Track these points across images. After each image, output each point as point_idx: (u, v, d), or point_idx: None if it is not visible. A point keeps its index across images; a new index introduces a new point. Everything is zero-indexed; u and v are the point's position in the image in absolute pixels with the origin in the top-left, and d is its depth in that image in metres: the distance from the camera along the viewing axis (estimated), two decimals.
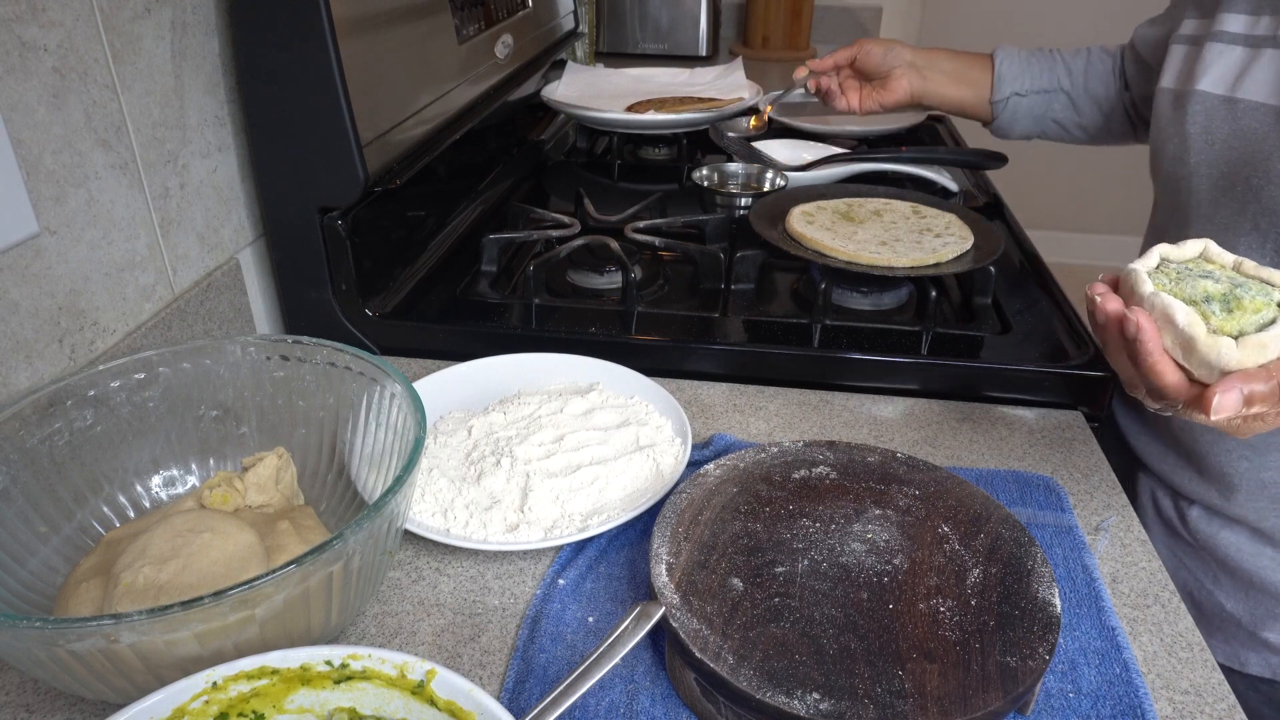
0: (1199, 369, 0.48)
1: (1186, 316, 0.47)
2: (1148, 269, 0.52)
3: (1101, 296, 0.51)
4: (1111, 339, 0.51)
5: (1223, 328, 0.47)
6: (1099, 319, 0.51)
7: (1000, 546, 0.54)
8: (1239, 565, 0.75)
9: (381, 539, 0.49)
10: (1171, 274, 0.51)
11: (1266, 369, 0.46)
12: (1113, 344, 0.51)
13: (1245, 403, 0.46)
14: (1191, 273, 0.51)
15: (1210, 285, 0.50)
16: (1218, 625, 0.78)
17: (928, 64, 1.01)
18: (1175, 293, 0.50)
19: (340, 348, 0.60)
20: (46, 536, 0.54)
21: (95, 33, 0.65)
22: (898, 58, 1.01)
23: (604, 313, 0.85)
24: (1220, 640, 0.77)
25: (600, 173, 1.28)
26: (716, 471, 0.60)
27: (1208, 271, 0.52)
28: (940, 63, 1.02)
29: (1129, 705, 0.49)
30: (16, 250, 0.59)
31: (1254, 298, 0.48)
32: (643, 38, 2.04)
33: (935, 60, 1.02)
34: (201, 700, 0.40)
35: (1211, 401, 0.46)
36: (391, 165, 0.84)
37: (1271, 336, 0.46)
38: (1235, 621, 0.76)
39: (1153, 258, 0.53)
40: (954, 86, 1.02)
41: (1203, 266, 0.52)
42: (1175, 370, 0.48)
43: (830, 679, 0.45)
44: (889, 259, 0.83)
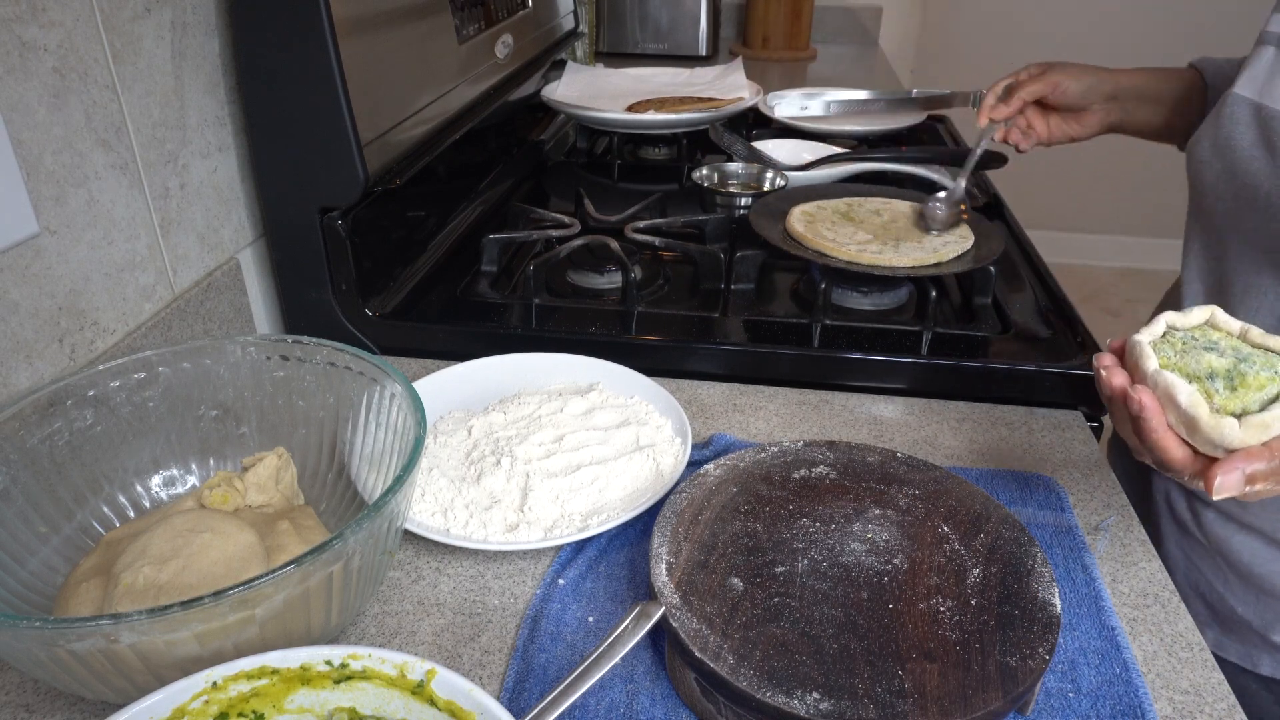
0: (1203, 445, 0.48)
1: (1189, 397, 0.47)
2: (1152, 338, 0.51)
3: (1107, 371, 0.51)
4: (1118, 410, 0.51)
5: (1226, 406, 0.47)
6: (1105, 392, 0.51)
7: (1000, 546, 0.54)
8: (1251, 570, 0.75)
9: (381, 539, 0.49)
10: (1176, 344, 0.51)
11: (1269, 448, 0.46)
12: (1119, 415, 0.52)
13: (1247, 481, 0.46)
14: (1196, 344, 0.51)
15: (1214, 360, 0.49)
16: (1230, 626, 0.77)
17: (1127, 91, 0.88)
18: (1179, 367, 0.50)
19: (340, 348, 0.60)
20: (46, 536, 0.54)
21: (95, 33, 0.65)
22: (1096, 93, 0.87)
23: (604, 313, 0.85)
24: (1234, 640, 0.77)
25: (600, 173, 1.28)
26: (716, 471, 0.60)
27: (1213, 343, 0.51)
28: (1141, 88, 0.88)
29: (1129, 705, 0.49)
30: (16, 250, 0.59)
31: (1258, 373, 0.48)
32: (643, 38, 2.04)
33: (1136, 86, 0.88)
34: (201, 700, 0.40)
35: (1214, 482, 0.46)
36: (391, 165, 0.84)
37: (1274, 416, 0.46)
38: (1247, 624, 0.76)
39: (1158, 326, 0.52)
40: (1156, 112, 0.89)
41: (1208, 336, 0.52)
42: (1180, 446, 0.48)
43: (830, 679, 0.45)
44: (889, 259, 0.83)
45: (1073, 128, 0.90)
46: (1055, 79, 0.87)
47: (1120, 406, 0.50)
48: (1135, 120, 0.89)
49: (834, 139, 1.31)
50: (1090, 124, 0.89)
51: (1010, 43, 3.06)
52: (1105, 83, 0.87)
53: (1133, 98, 0.88)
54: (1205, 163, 0.72)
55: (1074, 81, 0.87)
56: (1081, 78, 0.87)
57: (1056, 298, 0.88)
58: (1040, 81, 0.88)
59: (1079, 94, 0.87)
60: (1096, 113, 0.88)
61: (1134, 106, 0.88)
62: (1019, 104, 0.89)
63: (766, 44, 2.14)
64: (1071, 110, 0.89)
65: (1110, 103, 0.88)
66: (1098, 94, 0.87)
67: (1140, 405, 0.48)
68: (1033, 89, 0.88)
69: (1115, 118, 0.89)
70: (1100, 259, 3.36)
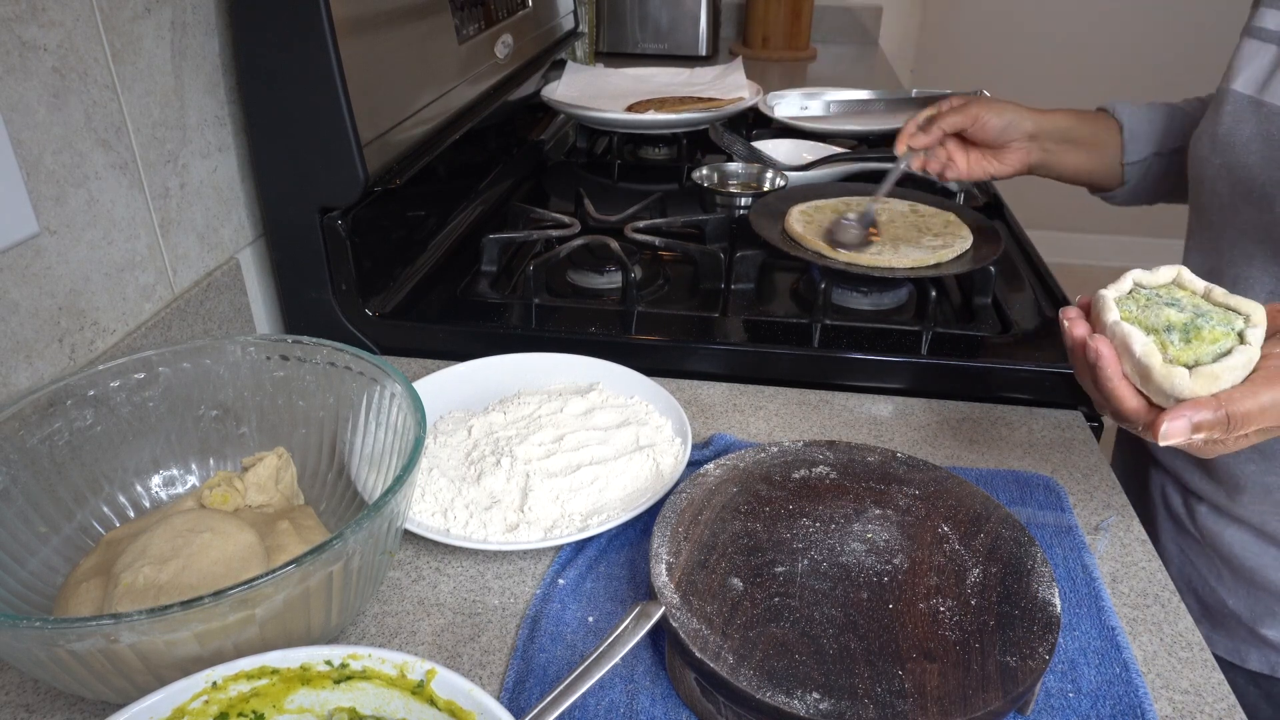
0: (1156, 396, 0.49)
1: (1143, 346, 0.49)
2: (1119, 294, 0.54)
3: (1070, 321, 0.53)
4: (1078, 362, 0.53)
5: (1179, 357, 0.49)
6: (1067, 342, 0.54)
7: (1000, 546, 0.54)
8: (1242, 563, 0.76)
9: (381, 539, 0.49)
10: (1141, 300, 0.53)
11: (1216, 398, 0.48)
12: (1079, 366, 0.54)
13: (1193, 429, 0.48)
14: (1159, 299, 0.53)
15: (1173, 314, 0.51)
16: (1220, 620, 0.78)
17: (1049, 132, 0.88)
18: (1139, 320, 0.52)
19: (340, 348, 0.60)
20: (46, 536, 0.54)
21: (95, 33, 0.65)
22: (1016, 129, 0.86)
23: (604, 313, 0.85)
24: (1223, 635, 0.78)
25: (600, 173, 1.28)
26: (716, 471, 0.60)
27: (1175, 299, 0.53)
28: (1061, 128, 0.88)
29: (1129, 705, 0.49)
30: (16, 250, 0.59)
31: (1214, 328, 0.50)
32: (643, 38, 2.04)
33: (1056, 127, 0.88)
34: (201, 700, 0.40)
35: (1160, 429, 0.48)
36: (391, 165, 0.84)
37: (1224, 367, 0.48)
38: (1236, 618, 0.77)
39: (1125, 282, 0.55)
40: (1076, 155, 0.88)
41: (1172, 293, 0.54)
42: (1135, 395, 0.50)
43: (830, 679, 0.45)
44: (889, 259, 0.83)
45: (992, 165, 0.89)
46: (975, 112, 0.86)
47: (1080, 356, 0.52)
48: (1054, 160, 0.88)
49: (834, 139, 1.32)
50: (1010, 162, 0.88)
51: (1010, 43, 3.06)
52: (1026, 121, 0.87)
53: (1054, 139, 0.87)
54: (1204, 159, 0.72)
55: (994, 116, 0.86)
56: (1003, 113, 0.86)
57: (1056, 298, 0.88)
58: (961, 114, 0.87)
59: (998, 129, 0.86)
60: (1017, 151, 0.87)
61: (1055, 147, 0.88)
62: (938, 134, 0.88)
63: (766, 44, 2.14)
64: (991, 147, 0.88)
65: (1030, 142, 0.87)
66: (1017, 131, 0.86)
67: (1097, 353, 0.50)
68: (952, 120, 0.87)
69: (1036, 158, 0.88)
70: (1100, 259, 3.36)
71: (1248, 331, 0.50)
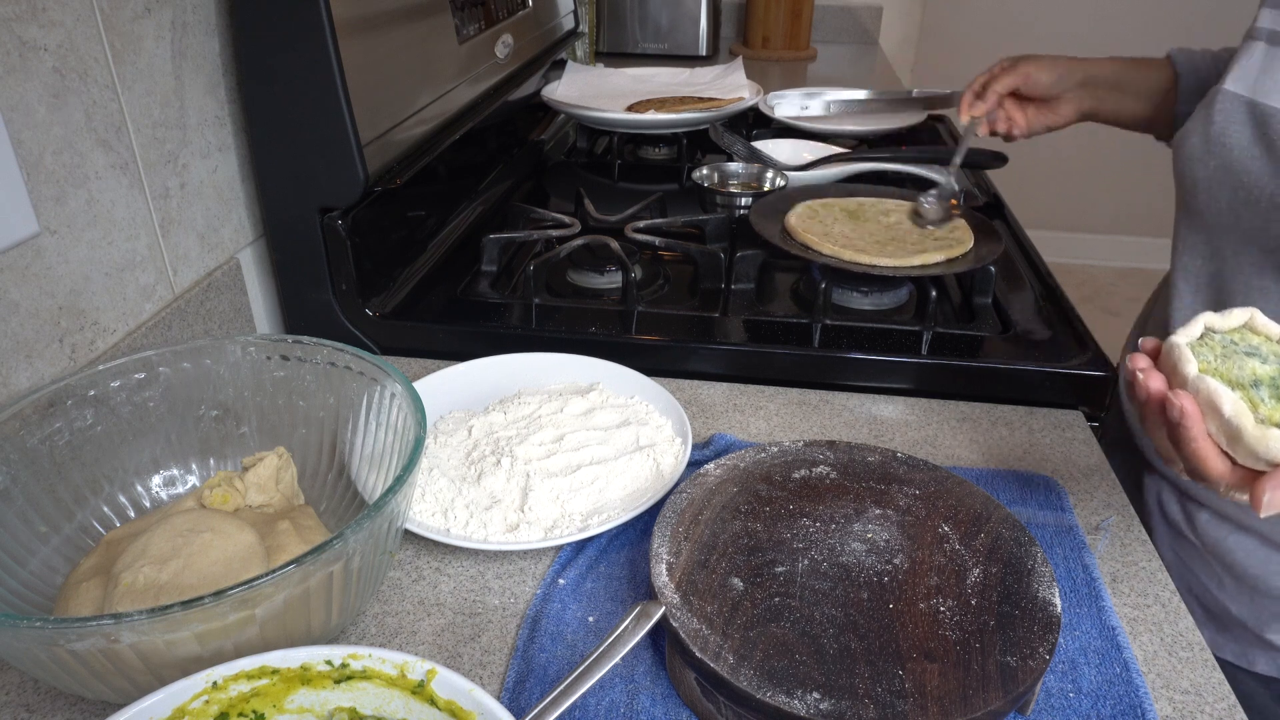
0: (1244, 457, 0.45)
1: (1234, 406, 0.45)
2: (1190, 339, 0.49)
3: (1144, 373, 0.48)
4: (1151, 416, 0.49)
5: (1271, 416, 0.45)
6: (1140, 396, 0.49)
7: (1000, 546, 0.54)
8: (1246, 570, 0.74)
9: (381, 539, 0.49)
10: (1216, 349, 0.49)
11: None
12: (1152, 421, 0.49)
13: None
14: (1238, 349, 0.49)
15: (1258, 367, 0.47)
16: (1225, 626, 0.77)
17: (1098, 79, 0.90)
18: (1221, 373, 0.47)
19: (340, 348, 0.60)
20: (47, 536, 0.54)
21: (95, 33, 0.65)
22: (1068, 81, 0.90)
23: (604, 313, 0.85)
24: (1229, 639, 0.77)
25: (600, 173, 1.28)
26: (716, 471, 0.60)
27: (1254, 348, 0.49)
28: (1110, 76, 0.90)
29: (1129, 705, 0.49)
30: (17, 250, 0.59)
31: None
32: (643, 38, 2.04)
33: (1106, 74, 0.90)
34: (202, 700, 0.40)
35: (1261, 499, 0.44)
36: (391, 165, 0.84)
37: None
38: (1241, 624, 0.76)
39: (1196, 327, 0.50)
40: (1129, 102, 0.90)
41: (1248, 340, 0.50)
42: (1219, 456, 0.46)
43: (830, 678, 0.45)
44: (889, 259, 0.83)
45: (1048, 117, 0.92)
46: (1026, 70, 0.90)
47: (1155, 412, 0.48)
48: (1108, 108, 0.91)
49: (834, 139, 1.32)
50: (1064, 113, 0.91)
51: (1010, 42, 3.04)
52: (1075, 71, 0.90)
53: (1105, 86, 0.90)
54: (1196, 159, 0.71)
55: (1044, 72, 0.90)
56: (1052, 68, 0.90)
57: (1056, 298, 0.88)
58: (1012, 74, 0.91)
59: (1049, 84, 0.90)
60: (1070, 101, 0.91)
61: (1106, 94, 0.90)
62: (995, 98, 0.92)
63: (766, 44, 2.14)
64: (1045, 100, 0.91)
65: (1082, 90, 0.90)
66: (1068, 82, 0.90)
67: (1181, 412, 0.45)
68: (1006, 82, 0.91)
69: (1088, 105, 0.91)
70: (1100, 259, 3.36)
71: None
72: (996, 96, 0.92)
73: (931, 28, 2.98)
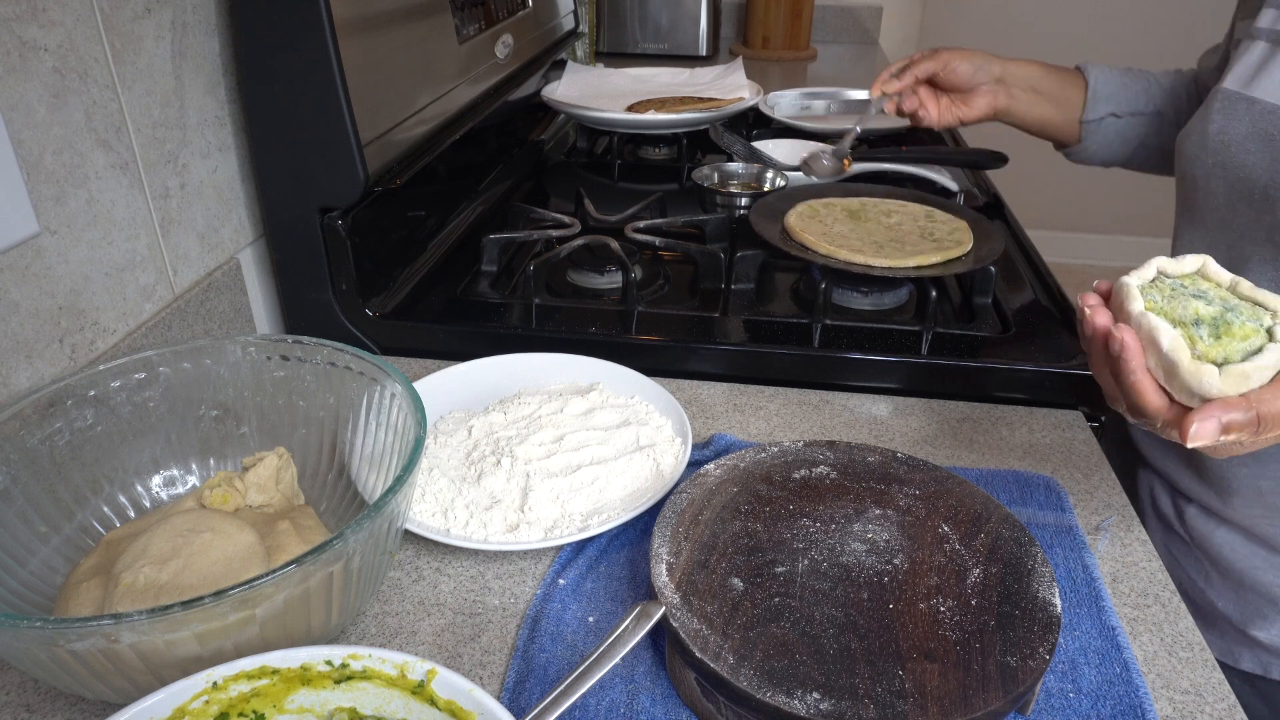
0: (1180, 393, 0.47)
1: (1171, 341, 0.47)
2: (1142, 282, 0.51)
3: (1091, 310, 0.51)
4: (1096, 352, 0.51)
5: (1208, 354, 0.47)
6: (1086, 331, 0.51)
7: (1000, 546, 0.54)
8: (1231, 564, 0.75)
9: (381, 539, 0.49)
10: (1165, 290, 0.51)
11: (1246, 399, 0.46)
12: (1097, 357, 0.51)
13: (1223, 431, 0.46)
14: (1185, 291, 0.50)
15: (1201, 307, 0.49)
16: (1211, 622, 0.78)
17: (1016, 79, 0.93)
18: (1165, 312, 0.49)
19: (340, 348, 0.60)
20: (47, 536, 0.54)
21: (95, 33, 0.65)
22: (985, 74, 0.93)
23: (604, 313, 0.85)
24: (1215, 636, 0.78)
25: (600, 173, 1.28)
26: (716, 471, 0.60)
27: (1201, 291, 0.50)
28: (1028, 78, 0.93)
29: (1129, 705, 0.49)
30: (17, 250, 0.59)
31: (1244, 323, 0.48)
32: (643, 38, 2.04)
33: (1024, 75, 0.93)
34: (202, 700, 0.40)
35: (1189, 429, 0.46)
36: (391, 165, 0.84)
37: (1255, 367, 0.46)
38: (1227, 619, 0.77)
39: (1149, 270, 0.52)
40: (1041, 105, 0.94)
41: (1198, 284, 0.51)
42: (1157, 391, 0.48)
43: (830, 679, 0.45)
44: (889, 259, 0.83)
45: (961, 110, 0.95)
46: (946, 58, 0.93)
47: (1100, 347, 0.50)
48: (1020, 108, 0.94)
49: (834, 139, 1.31)
50: (978, 106, 0.94)
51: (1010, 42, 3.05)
52: (994, 65, 0.93)
53: (1021, 86, 0.93)
54: (1195, 158, 0.72)
55: (963, 61, 0.93)
56: (972, 59, 0.93)
57: (1056, 298, 0.88)
58: (932, 60, 0.94)
59: (968, 74, 0.92)
60: (984, 95, 0.93)
61: (1021, 94, 0.93)
62: (910, 79, 0.96)
63: (766, 44, 2.14)
64: (961, 91, 0.94)
65: (998, 86, 0.93)
66: (986, 75, 0.93)
67: (1121, 344, 0.48)
68: (924, 66, 0.95)
69: (1002, 103, 0.93)
70: (1100, 259, 3.36)
71: (1276, 328, 0.48)
72: (913, 78, 0.96)
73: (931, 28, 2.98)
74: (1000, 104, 0.94)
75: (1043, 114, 0.94)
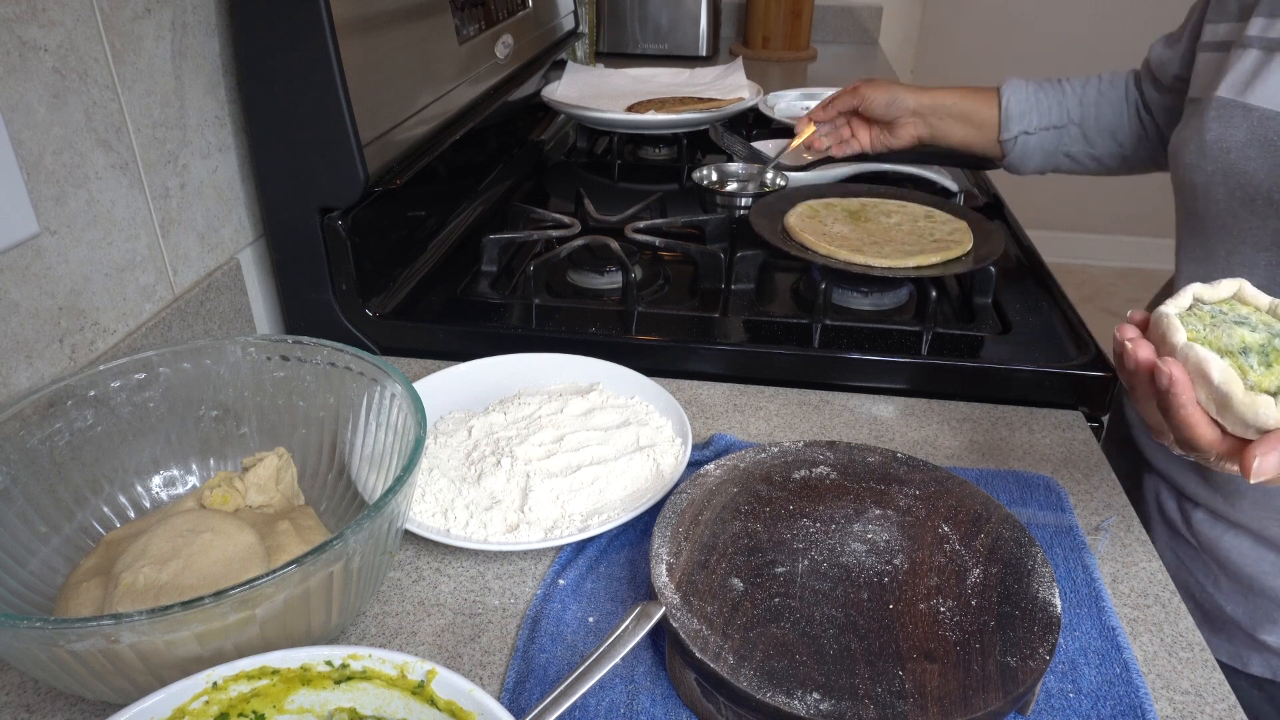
0: (1234, 425, 0.45)
1: (1222, 373, 0.44)
2: (1179, 310, 0.49)
3: (1132, 343, 0.48)
4: (1140, 386, 0.49)
5: (1261, 383, 0.45)
6: (1128, 365, 0.49)
7: (1000, 546, 0.54)
8: (1239, 568, 0.75)
9: (381, 539, 0.49)
10: (1205, 318, 0.49)
11: None
12: (1141, 391, 0.49)
13: None
14: (1226, 318, 0.48)
15: (1247, 335, 0.47)
16: (1220, 626, 0.78)
17: (932, 109, 0.98)
18: (1210, 341, 0.47)
19: (340, 348, 0.60)
20: (47, 536, 0.54)
21: (95, 33, 0.65)
22: (900, 107, 0.98)
23: (604, 313, 0.85)
24: (1223, 640, 0.77)
25: (600, 173, 1.28)
26: (717, 471, 0.60)
27: (1243, 317, 0.48)
28: (945, 105, 0.98)
29: (1129, 705, 0.49)
30: (17, 250, 0.59)
31: None
32: (643, 38, 2.04)
33: (939, 103, 0.98)
34: (202, 700, 0.40)
35: (1251, 465, 0.43)
36: (391, 165, 0.84)
37: None
38: (1235, 624, 0.76)
39: (1185, 298, 0.50)
40: (961, 129, 0.99)
41: (1237, 310, 0.49)
42: (1208, 424, 0.46)
43: (830, 679, 0.45)
44: (889, 259, 0.83)
45: (888, 138, 1.01)
46: (864, 93, 0.99)
47: (1144, 382, 0.48)
48: (942, 134, 0.99)
49: None
50: (902, 136, 1.00)
51: (1010, 42, 3.06)
52: (908, 98, 0.98)
53: (938, 115, 0.98)
54: (1194, 165, 0.72)
55: (879, 94, 0.98)
56: (887, 91, 0.98)
57: (1056, 298, 0.88)
58: (851, 95, 1.01)
59: (883, 106, 0.98)
60: (906, 125, 0.99)
61: (939, 122, 0.99)
62: (833, 112, 1.03)
63: (766, 44, 2.14)
64: (883, 122, 1.01)
65: (916, 117, 0.99)
66: (900, 108, 0.98)
67: (1170, 379, 0.45)
68: (845, 100, 1.02)
69: (924, 131, 0.99)
70: (1100, 259, 3.36)
71: None
72: (834, 111, 1.03)
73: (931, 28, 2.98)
74: (922, 133, 1.00)
75: (964, 137, 0.99)
